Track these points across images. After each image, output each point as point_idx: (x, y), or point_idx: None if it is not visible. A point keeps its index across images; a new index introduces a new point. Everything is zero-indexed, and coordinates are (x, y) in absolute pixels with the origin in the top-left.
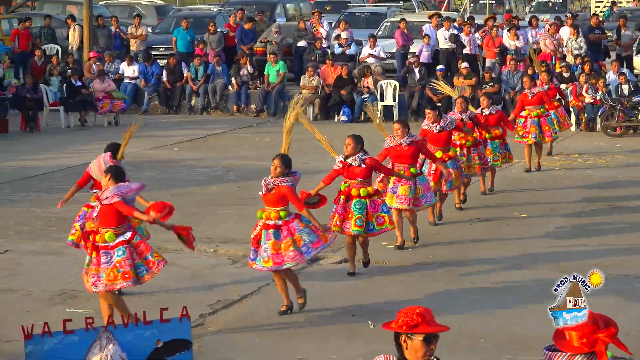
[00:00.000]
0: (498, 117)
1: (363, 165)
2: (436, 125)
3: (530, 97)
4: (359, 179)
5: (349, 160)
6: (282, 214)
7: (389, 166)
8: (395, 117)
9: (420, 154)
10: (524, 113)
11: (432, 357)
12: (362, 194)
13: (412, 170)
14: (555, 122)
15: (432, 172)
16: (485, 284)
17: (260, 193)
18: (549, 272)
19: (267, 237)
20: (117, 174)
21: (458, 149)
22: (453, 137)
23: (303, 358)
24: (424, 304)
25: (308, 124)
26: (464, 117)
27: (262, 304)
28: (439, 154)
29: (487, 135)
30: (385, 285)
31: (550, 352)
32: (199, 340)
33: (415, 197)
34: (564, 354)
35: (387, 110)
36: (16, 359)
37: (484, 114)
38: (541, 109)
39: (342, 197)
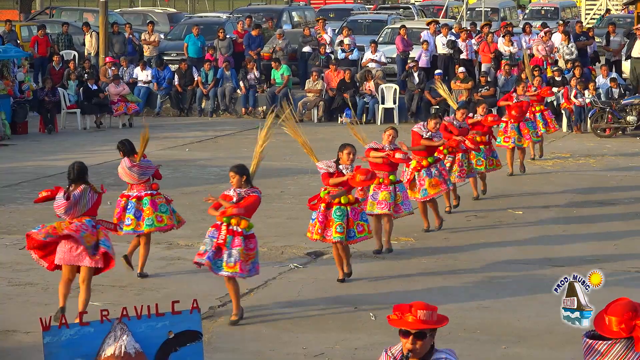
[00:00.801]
0: (487, 126)
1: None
2: (428, 132)
3: (513, 102)
4: (341, 187)
5: (340, 167)
6: (250, 224)
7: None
8: (396, 119)
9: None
10: (505, 118)
11: (408, 352)
12: (342, 201)
13: (391, 177)
14: (541, 125)
15: (406, 180)
16: (482, 278)
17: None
18: (542, 266)
19: (236, 243)
20: (77, 179)
21: (441, 156)
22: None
23: (307, 348)
24: (422, 297)
25: (292, 130)
26: (454, 123)
27: (268, 297)
28: (413, 163)
29: (477, 139)
30: (385, 279)
31: (590, 340)
32: (208, 331)
33: (395, 203)
34: (605, 342)
35: (388, 112)
36: (34, 349)
37: (474, 118)
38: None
39: (323, 205)
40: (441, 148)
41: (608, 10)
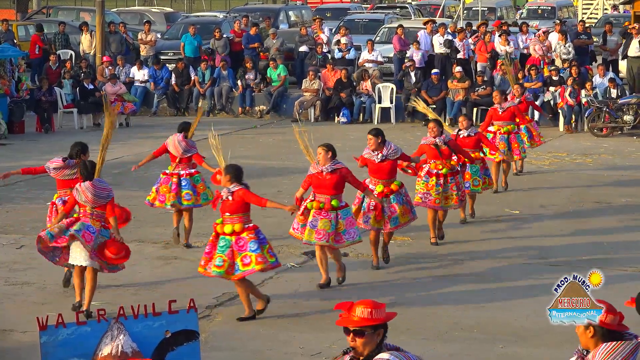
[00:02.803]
0: (476, 139)
1: (230, 198)
2: (378, 154)
3: (500, 113)
4: (227, 214)
5: (222, 193)
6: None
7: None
8: (393, 119)
9: (353, 183)
10: (493, 129)
11: (348, 349)
12: (226, 231)
13: (333, 202)
14: (525, 139)
15: (373, 207)
16: (478, 278)
17: None
18: (539, 265)
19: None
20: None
21: (434, 178)
22: (428, 166)
23: (305, 347)
24: (419, 296)
25: (215, 143)
26: (437, 142)
27: None
28: (379, 188)
29: (466, 159)
30: (382, 278)
31: None
32: (206, 331)
33: (336, 232)
34: None
35: (385, 112)
36: (32, 348)
37: (461, 136)
38: (511, 125)
39: (213, 233)
40: (441, 170)
41: (616, 7)
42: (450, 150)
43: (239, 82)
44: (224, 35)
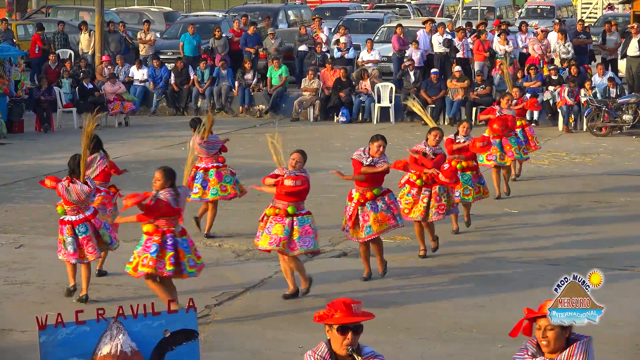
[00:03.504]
0: (476, 152)
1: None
2: (368, 157)
3: (496, 115)
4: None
5: (160, 193)
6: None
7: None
8: (392, 119)
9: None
10: (487, 134)
11: (350, 347)
12: (144, 230)
13: (289, 209)
14: (518, 147)
15: (349, 216)
16: (477, 277)
17: None
18: (538, 265)
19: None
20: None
21: (407, 187)
22: (408, 175)
23: (304, 347)
24: (419, 296)
25: (190, 146)
26: (427, 151)
27: (264, 296)
28: (356, 196)
29: (458, 166)
30: (381, 278)
31: None
32: (205, 330)
33: (290, 238)
34: None
35: (384, 111)
36: (31, 348)
37: (458, 142)
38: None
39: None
40: (416, 180)
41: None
42: (431, 164)
43: (236, 83)
44: (224, 35)
